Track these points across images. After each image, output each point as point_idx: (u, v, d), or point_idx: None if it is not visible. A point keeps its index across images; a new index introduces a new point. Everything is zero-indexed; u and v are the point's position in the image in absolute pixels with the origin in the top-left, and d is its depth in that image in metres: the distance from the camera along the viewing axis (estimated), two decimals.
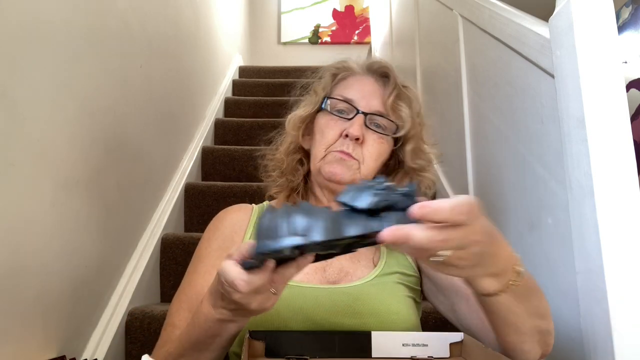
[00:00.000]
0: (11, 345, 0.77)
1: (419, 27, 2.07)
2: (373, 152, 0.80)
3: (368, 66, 0.86)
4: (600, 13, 0.72)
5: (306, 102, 0.88)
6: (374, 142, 0.80)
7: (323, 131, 0.81)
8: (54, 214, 0.90)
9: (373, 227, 0.43)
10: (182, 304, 0.77)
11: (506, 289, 0.51)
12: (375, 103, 0.81)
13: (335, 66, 0.88)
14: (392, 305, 0.75)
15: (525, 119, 0.98)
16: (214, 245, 0.82)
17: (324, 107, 0.83)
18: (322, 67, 0.91)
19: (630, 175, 0.68)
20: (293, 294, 0.74)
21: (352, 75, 0.86)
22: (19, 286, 0.79)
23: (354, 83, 0.84)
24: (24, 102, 0.81)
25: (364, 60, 0.88)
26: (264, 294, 0.52)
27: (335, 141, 0.80)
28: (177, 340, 0.65)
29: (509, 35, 1.03)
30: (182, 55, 1.88)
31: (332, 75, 0.87)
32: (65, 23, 0.95)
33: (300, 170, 0.85)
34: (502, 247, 0.49)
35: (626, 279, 0.65)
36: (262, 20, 4.76)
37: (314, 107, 0.85)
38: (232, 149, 2.05)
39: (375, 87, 0.83)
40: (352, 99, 0.81)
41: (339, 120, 0.80)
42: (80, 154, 1.00)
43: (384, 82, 0.84)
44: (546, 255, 0.91)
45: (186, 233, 1.62)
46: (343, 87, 0.84)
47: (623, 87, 0.71)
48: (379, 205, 0.43)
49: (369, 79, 0.84)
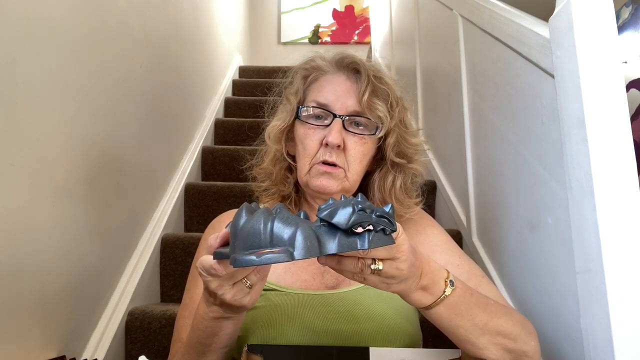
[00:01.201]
0: (11, 345, 0.77)
1: (419, 27, 2.07)
2: (357, 155, 0.78)
3: (337, 63, 0.82)
4: (600, 13, 0.72)
5: (281, 110, 0.85)
6: (356, 144, 0.77)
7: (303, 142, 0.78)
8: (54, 214, 0.90)
9: (352, 246, 0.44)
10: (187, 320, 0.76)
11: (440, 301, 0.56)
12: (350, 103, 0.78)
13: (304, 67, 0.84)
14: (390, 309, 0.75)
15: (525, 119, 0.98)
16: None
17: (300, 117, 0.80)
18: (291, 68, 0.88)
19: (630, 175, 0.68)
20: (290, 301, 0.74)
21: (322, 76, 0.82)
22: (19, 286, 0.79)
23: (326, 84, 0.80)
24: (24, 102, 0.81)
25: (332, 56, 0.84)
26: (238, 286, 0.53)
27: (316, 151, 0.77)
28: (183, 347, 0.67)
29: (509, 35, 1.03)
30: (182, 55, 1.88)
31: (302, 78, 0.83)
32: (65, 23, 0.95)
33: (289, 178, 0.83)
34: (428, 262, 0.56)
35: (626, 279, 0.65)
36: (262, 20, 4.75)
37: (290, 116, 0.82)
38: (232, 149, 2.05)
39: (347, 84, 0.79)
40: (326, 104, 0.78)
41: (317, 129, 0.77)
42: (80, 154, 1.00)
43: (357, 78, 0.80)
44: (546, 255, 0.91)
45: (186, 233, 1.62)
46: (316, 90, 0.81)
47: (623, 87, 0.70)
48: (355, 224, 0.44)
49: (340, 76, 0.80)
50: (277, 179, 0.83)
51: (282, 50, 4.76)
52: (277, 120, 0.83)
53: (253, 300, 0.55)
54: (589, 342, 0.70)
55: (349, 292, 0.76)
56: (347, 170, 0.77)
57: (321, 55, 0.85)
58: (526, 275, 1.01)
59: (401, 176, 0.81)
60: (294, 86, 0.84)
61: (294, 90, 0.83)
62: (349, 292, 0.76)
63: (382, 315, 0.73)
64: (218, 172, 2.03)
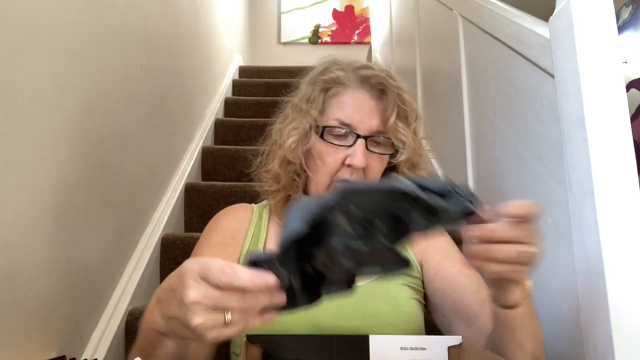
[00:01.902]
0: (11, 346, 0.77)
1: (419, 27, 2.07)
2: (375, 173, 0.78)
3: (362, 80, 0.78)
4: (600, 13, 0.72)
5: (295, 119, 0.81)
6: (375, 162, 0.77)
7: (323, 159, 0.76)
8: (54, 214, 0.90)
9: (464, 207, 0.45)
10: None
11: (524, 300, 0.56)
12: (374, 123, 0.76)
13: (323, 78, 0.80)
14: (397, 306, 0.75)
15: (525, 119, 0.98)
16: (213, 240, 0.81)
17: (323, 137, 0.77)
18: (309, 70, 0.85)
19: (630, 175, 0.68)
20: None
21: (344, 90, 0.78)
22: (19, 286, 0.79)
23: (349, 101, 0.77)
24: (24, 102, 0.81)
25: (354, 68, 0.80)
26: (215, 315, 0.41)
27: (337, 170, 0.76)
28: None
29: (509, 35, 1.03)
30: (182, 55, 1.88)
31: (322, 90, 0.80)
32: (65, 23, 0.95)
33: (297, 181, 0.81)
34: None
35: (626, 279, 0.65)
36: (262, 20, 4.75)
37: (308, 129, 0.79)
38: (232, 149, 2.05)
39: (372, 104, 0.77)
40: (350, 124, 0.76)
41: (339, 148, 0.76)
42: (80, 154, 1.00)
43: (380, 96, 0.78)
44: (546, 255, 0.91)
45: (186, 233, 1.62)
46: (337, 106, 0.78)
47: (623, 87, 0.71)
48: (446, 191, 0.45)
49: (363, 94, 0.78)
50: (285, 182, 0.81)
51: (282, 50, 4.76)
52: (293, 130, 0.80)
53: (216, 338, 0.42)
54: (589, 342, 0.70)
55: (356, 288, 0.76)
56: None
57: (340, 65, 0.81)
58: None
59: None
60: (311, 95, 0.80)
61: (311, 100, 0.80)
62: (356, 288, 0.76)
63: (387, 313, 0.73)
64: (218, 172, 2.03)
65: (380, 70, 0.79)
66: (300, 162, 0.79)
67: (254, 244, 0.81)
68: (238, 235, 0.82)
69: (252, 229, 0.83)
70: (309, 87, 0.81)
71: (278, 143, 0.82)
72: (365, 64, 0.81)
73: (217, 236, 0.82)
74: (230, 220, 0.85)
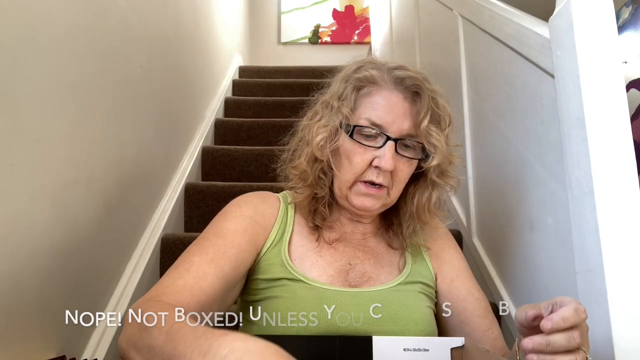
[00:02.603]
0: (11, 346, 0.77)
1: (419, 27, 2.07)
2: (402, 177, 0.77)
3: (396, 81, 0.76)
4: (600, 13, 0.72)
5: (325, 115, 0.79)
6: (404, 166, 0.76)
7: (350, 158, 0.75)
8: (54, 214, 0.90)
9: None
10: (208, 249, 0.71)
11: None
12: (406, 126, 0.74)
13: (357, 76, 0.78)
14: (413, 313, 0.75)
15: (525, 119, 0.98)
16: (246, 212, 0.78)
17: (352, 136, 0.75)
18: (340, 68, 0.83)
19: (630, 175, 0.68)
20: (315, 294, 0.73)
21: (377, 91, 0.76)
22: (19, 286, 0.79)
23: (381, 102, 0.75)
24: (24, 102, 0.81)
25: (389, 68, 0.78)
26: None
27: (364, 170, 0.75)
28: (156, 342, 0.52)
29: (509, 35, 1.03)
30: (182, 55, 1.88)
31: (355, 89, 0.77)
32: (65, 23, 0.95)
33: (324, 179, 0.80)
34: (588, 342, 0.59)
35: (626, 279, 0.65)
36: (262, 20, 4.75)
37: (337, 127, 0.77)
38: (232, 149, 2.05)
39: (405, 106, 0.75)
40: (381, 125, 0.74)
41: (368, 148, 0.75)
42: (80, 154, 1.00)
43: (414, 99, 0.75)
44: (546, 255, 0.91)
45: (186, 233, 1.62)
46: (369, 106, 0.76)
47: (623, 87, 0.71)
48: None
49: (397, 95, 0.75)
50: (312, 180, 0.79)
51: (282, 50, 4.76)
52: (322, 127, 0.78)
53: None
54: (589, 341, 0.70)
55: (374, 292, 0.76)
56: (391, 188, 0.77)
57: (375, 64, 0.79)
58: (526, 275, 1.01)
59: (437, 191, 0.81)
60: (343, 93, 0.78)
61: (343, 97, 0.78)
62: (374, 292, 0.76)
63: (406, 318, 0.73)
64: (218, 172, 2.03)
65: (415, 72, 0.77)
66: (327, 159, 0.77)
67: (279, 235, 0.79)
68: (268, 220, 0.79)
69: (279, 220, 0.81)
70: (342, 84, 0.79)
71: (306, 140, 0.80)
72: (400, 64, 0.79)
73: (249, 211, 0.78)
74: (260, 201, 0.82)
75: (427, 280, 0.82)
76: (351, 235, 0.84)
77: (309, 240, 0.81)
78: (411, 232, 0.82)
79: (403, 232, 0.82)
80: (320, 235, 0.81)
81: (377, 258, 0.82)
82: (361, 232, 0.84)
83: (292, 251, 0.78)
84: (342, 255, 0.80)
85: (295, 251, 0.79)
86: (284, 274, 0.75)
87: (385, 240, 0.85)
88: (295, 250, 0.79)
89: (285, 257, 0.77)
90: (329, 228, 0.82)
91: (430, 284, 0.82)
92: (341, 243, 0.82)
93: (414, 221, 0.81)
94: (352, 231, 0.84)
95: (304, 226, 0.82)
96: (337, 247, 0.81)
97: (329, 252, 0.80)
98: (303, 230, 0.82)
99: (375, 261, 0.81)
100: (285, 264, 0.76)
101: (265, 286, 0.75)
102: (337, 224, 0.83)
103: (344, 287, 0.76)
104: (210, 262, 0.70)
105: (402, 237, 0.83)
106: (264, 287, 0.75)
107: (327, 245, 0.81)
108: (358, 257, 0.81)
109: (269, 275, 0.75)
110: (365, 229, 0.85)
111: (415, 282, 0.80)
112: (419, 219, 0.81)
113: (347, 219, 0.84)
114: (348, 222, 0.84)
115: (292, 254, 0.78)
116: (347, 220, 0.84)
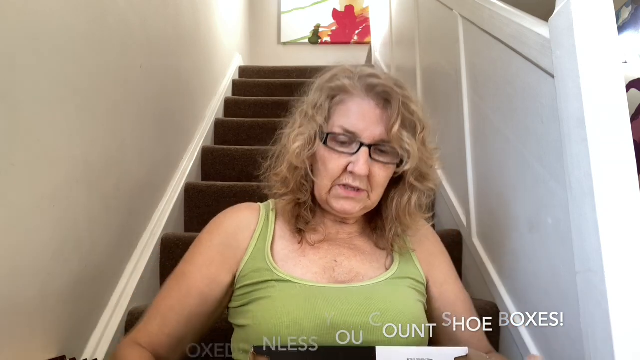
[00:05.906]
0: (11, 346, 0.77)
1: (419, 27, 2.07)
2: (380, 181, 0.78)
3: (367, 88, 0.78)
4: (600, 13, 0.72)
5: (302, 124, 0.82)
6: (380, 170, 0.78)
7: (326, 164, 0.78)
8: (54, 214, 0.90)
9: None
10: (172, 292, 0.78)
11: None
12: (378, 132, 0.76)
13: (329, 85, 0.81)
14: (403, 306, 0.76)
15: (525, 119, 0.98)
16: (215, 240, 0.82)
17: (326, 143, 0.78)
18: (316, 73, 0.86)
19: (630, 175, 0.68)
20: (303, 292, 0.74)
21: (350, 99, 0.79)
22: (19, 286, 0.79)
23: (354, 109, 0.78)
24: (24, 102, 0.81)
25: (360, 76, 0.80)
26: None
27: (339, 175, 0.77)
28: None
29: (509, 35, 1.03)
30: (182, 55, 1.88)
31: (328, 98, 0.80)
32: (65, 23, 0.95)
33: (306, 185, 0.82)
34: None
35: (626, 279, 0.65)
36: (262, 20, 4.75)
37: (313, 136, 0.80)
38: (232, 149, 2.05)
39: (377, 112, 0.77)
40: (354, 132, 0.76)
41: (342, 154, 0.77)
42: (80, 154, 1.00)
43: (386, 105, 0.78)
44: (546, 255, 0.91)
45: (186, 233, 1.62)
46: (342, 113, 0.78)
47: (623, 87, 0.71)
48: None
49: (369, 103, 0.78)
50: (294, 186, 0.82)
51: (282, 50, 4.76)
52: (299, 135, 0.81)
53: None
54: (589, 342, 0.70)
55: (363, 287, 0.78)
56: (371, 192, 0.79)
57: (347, 72, 0.81)
58: (526, 275, 1.01)
59: (416, 194, 0.82)
60: (318, 102, 0.81)
61: (317, 106, 0.81)
62: (363, 287, 0.78)
63: (396, 310, 0.74)
64: (218, 172, 2.03)
65: (387, 79, 0.79)
66: (306, 166, 0.80)
67: (261, 243, 0.82)
68: (241, 236, 0.82)
69: (259, 229, 0.83)
70: (316, 93, 0.82)
71: (286, 147, 0.82)
72: (372, 72, 0.81)
73: (220, 236, 0.82)
74: (233, 220, 0.85)
75: (415, 277, 0.83)
76: (336, 236, 0.85)
77: (291, 243, 0.83)
78: (394, 234, 0.84)
79: (386, 234, 0.84)
80: (304, 237, 0.83)
81: (364, 255, 0.84)
82: (347, 232, 0.86)
83: (275, 255, 0.81)
84: (326, 253, 0.82)
85: (278, 254, 0.81)
86: (271, 276, 0.77)
87: (372, 240, 0.87)
88: (277, 254, 0.81)
89: (269, 261, 0.79)
90: (313, 231, 0.84)
91: (420, 281, 0.84)
92: (326, 243, 0.84)
93: (396, 224, 0.83)
94: (337, 232, 0.86)
95: (285, 231, 0.84)
96: (321, 246, 0.83)
97: (312, 252, 0.82)
98: (285, 235, 0.84)
99: (362, 258, 0.83)
100: (270, 267, 0.78)
101: (253, 289, 0.77)
102: (322, 226, 0.85)
103: (329, 284, 0.77)
104: (171, 308, 0.78)
105: (386, 239, 0.85)
106: (251, 291, 0.77)
107: (309, 247, 0.82)
108: (344, 255, 0.82)
109: (256, 279, 0.77)
110: (351, 229, 0.86)
111: (405, 278, 0.82)
112: (400, 223, 0.83)
113: (332, 221, 0.86)
114: (332, 224, 0.86)
115: (276, 257, 0.80)
116: (331, 222, 0.86)
